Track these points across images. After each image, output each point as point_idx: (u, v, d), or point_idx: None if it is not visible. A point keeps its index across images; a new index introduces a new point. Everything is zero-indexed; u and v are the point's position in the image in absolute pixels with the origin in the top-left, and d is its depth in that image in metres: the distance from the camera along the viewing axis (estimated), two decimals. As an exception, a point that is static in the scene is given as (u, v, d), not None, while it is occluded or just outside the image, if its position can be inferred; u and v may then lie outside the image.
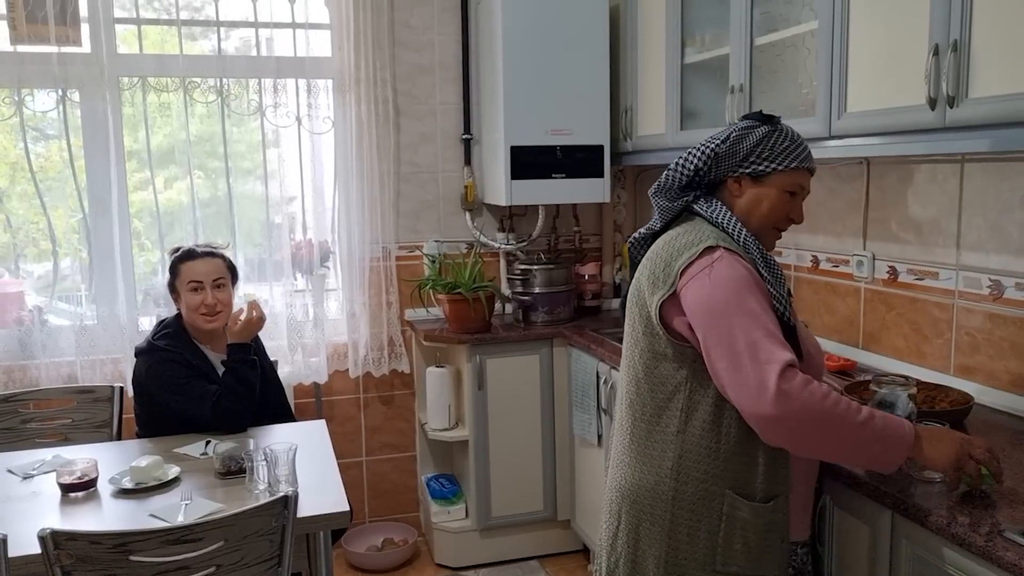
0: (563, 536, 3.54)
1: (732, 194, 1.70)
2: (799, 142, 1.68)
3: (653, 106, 3.21)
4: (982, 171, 2.17)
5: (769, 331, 1.49)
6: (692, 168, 1.68)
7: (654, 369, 1.64)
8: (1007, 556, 1.34)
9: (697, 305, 1.55)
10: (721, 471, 1.59)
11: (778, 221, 1.70)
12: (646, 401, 1.66)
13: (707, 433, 1.59)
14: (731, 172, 1.68)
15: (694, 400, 1.60)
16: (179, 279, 2.61)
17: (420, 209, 3.70)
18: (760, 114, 1.70)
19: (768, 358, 1.45)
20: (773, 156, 1.65)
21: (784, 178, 1.67)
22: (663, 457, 1.63)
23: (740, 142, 1.66)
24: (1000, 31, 1.69)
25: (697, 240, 1.60)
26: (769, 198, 1.67)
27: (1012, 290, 2.10)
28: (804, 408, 1.43)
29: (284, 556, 1.82)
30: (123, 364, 3.26)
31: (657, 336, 1.63)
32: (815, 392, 1.44)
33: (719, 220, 1.65)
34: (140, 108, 3.28)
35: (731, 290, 1.53)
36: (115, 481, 2.13)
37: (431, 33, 3.62)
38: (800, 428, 1.45)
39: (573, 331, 3.34)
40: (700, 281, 1.55)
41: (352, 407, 3.70)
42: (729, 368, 1.49)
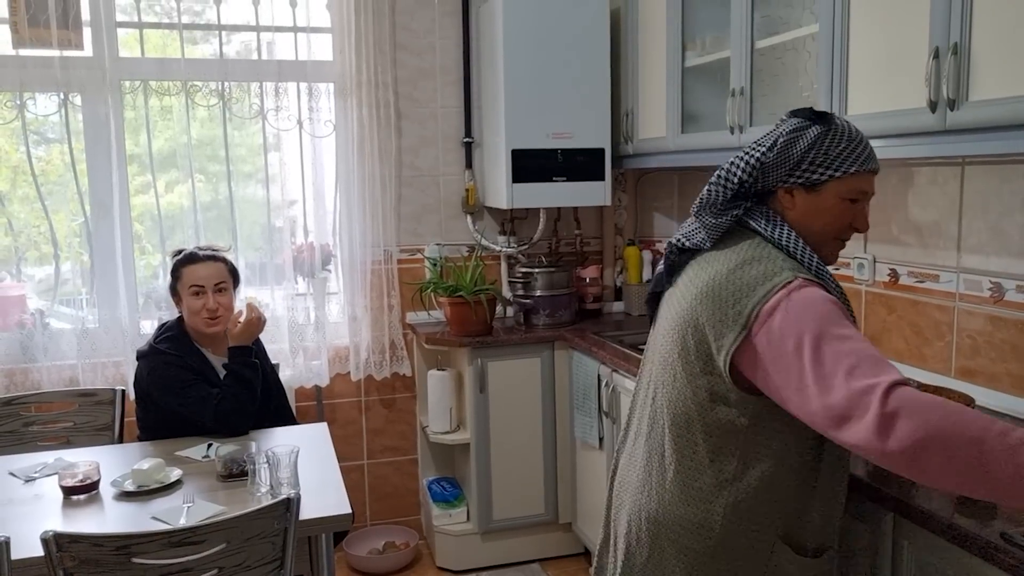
0: (564, 539, 3.54)
1: (784, 206, 1.51)
2: (858, 141, 1.49)
3: (654, 109, 3.21)
4: (982, 174, 2.17)
5: (868, 353, 1.28)
6: (736, 181, 1.50)
7: (711, 411, 1.46)
8: (1009, 558, 1.34)
9: (782, 343, 1.34)
10: (774, 520, 1.47)
11: (840, 232, 1.52)
12: (698, 441, 1.48)
13: (764, 483, 1.45)
14: (781, 182, 1.50)
15: (753, 450, 1.45)
16: (181, 283, 2.61)
17: (421, 212, 3.71)
18: (811, 112, 1.51)
19: (868, 382, 1.23)
20: (828, 162, 1.46)
21: (842, 185, 1.48)
22: (714, 500, 1.47)
23: (789, 148, 1.47)
24: (1000, 34, 1.70)
25: (771, 273, 1.40)
26: (826, 209, 1.49)
27: (1013, 292, 2.10)
28: (917, 428, 1.18)
29: (286, 559, 1.83)
30: (125, 367, 3.27)
31: (720, 379, 1.43)
32: (931, 405, 1.19)
33: (787, 245, 1.46)
34: (142, 112, 3.28)
35: (818, 317, 1.33)
36: (117, 484, 2.13)
37: (432, 37, 3.63)
38: (920, 452, 1.18)
39: (574, 334, 3.35)
40: (782, 317, 1.35)
41: (353, 410, 3.70)
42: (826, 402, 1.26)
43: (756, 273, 1.41)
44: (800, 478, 1.46)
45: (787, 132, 1.49)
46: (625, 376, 2.86)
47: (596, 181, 3.49)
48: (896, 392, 1.21)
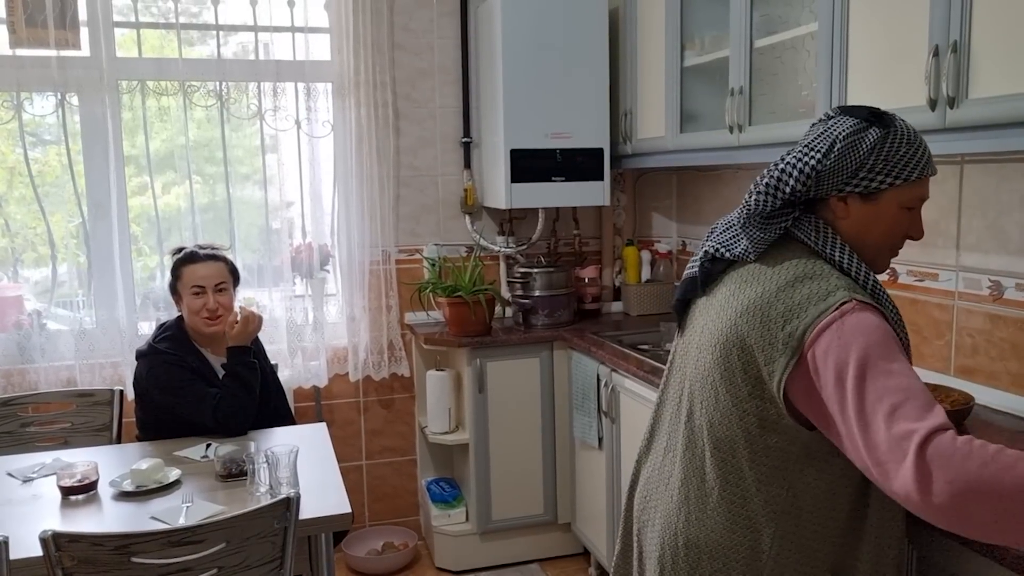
0: (564, 539, 3.53)
1: (836, 215, 1.40)
2: (918, 144, 1.38)
3: (653, 109, 3.21)
4: (981, 172, 2.17)
5: (913, 391, 1.19)
6: (788, 191, 1.38)
7: (760, 438, 1.37)
8: (1011, 555, 1.34)
9: (827, 370, 1.25)
10: (825, 553, 1.39)
11: (895, 242, 1.43)
12: (744, 468, 1.39)
13: (815, 514, 1.37)
14: (836, 190, 1.38)
15: (805, 479, 1.36)
16: (181, 282, 2.61)
17: (420, 212, 3.70)
18: (868, 111, 1.39)
19: (907, 428, 1.15)
20: (888, 168, 1.35)
21: (902, 193, 1.37)
22: (762, 529, 1.38)
23: (848, 154, 1.35)
24: (1000, 32, 1.70)
25: (825, 292, 1.30)
26: (884, 219, 1.38)
27: (1012, 291, 2.10)
28: (956, 480, 1.09)
29: (286, 558, 1.82)
30: (123, 368, 3.26)
31: (771, 404, 1.34)
32: (971, 455, 1.10)
33: (840, 261, 1.36)
34: (139, 113, 3.28)
35: (866, 347, 1.23)
36: (115, 484, 2.12)
37: (430, 36, 3.63)
38: (960, 506, 1.09)
39: (573, 334, 3.34)
40: (829, 341, 1.26)
41: (352, 411, 3.69)
42: (866, 442, 1.19)
43: (809, 292, 1.31)
44: (852, 510, 1.38)
45: (845, 136, 1.36)
46: (625, 376, 2.86)
47: (595, 181, 3.49)
48: (935, 440, 1.12)
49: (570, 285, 3.62)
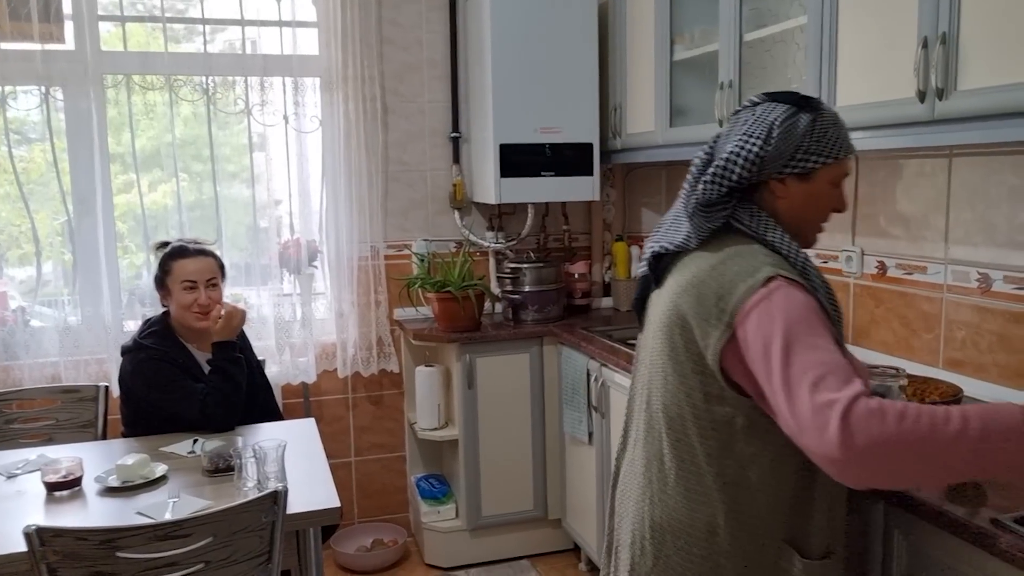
0: (554, 535, 3.53)
1: (776, 195, 1.49)
2: (840, 126, 1.49)
3: (642, 104, 3.21)
4: (970, 165, 2.18)
5: (834, 364, 1.27)
6: (735, 177, 1.45)
7: (706, 412, 1.44)
8: (1001, 543, 1.34)
9: (756, 344, 1.34)
10: (778, 522, 1.45)
11: (825, 216, 1.54)
12: (695, 444, 1.46)
13: (765, 483, 1.43)
14: (777, 173, 1.46)
15: (752, 448, 1.43)
16: (171, 277, 2.58)
17: (408, 208, 3.69)
18: (795, 96, 1.48)
19: (829, 397, 1.23)
20: (820, 148, 1.45)
21: (832, 170, 1.48)
22: (716, 503, 1.45)
23: (785, 139, 1.44)
24: (988, 23, 1.70)
25: (752, 269, 1.39)
26: (818, 196, 1.49)
27: (1000, 283, 2.11)
28: (875, 441, 1.19)
29: (274, 553, 1.81)
30: (108, 364, 3.23)
31: (712, 378, 1.42)
32: (886, 417, 1.20)
33: (773, 242, 1.45)
34: (124, 109, 3.25)
35: (790, 321, 1.32)
36: (101, 480, 2.10)
37: (419, 31, 3.61)
38: (879, 463, 1.21)
39: (563, 329, 3.34)
40: (758, 317, 1.34)
41: (340, 407, 3.67)
42: (791, 410, 1.27)
43: (738, 269, 1.40)
44: (800, 478, 1.43)
45: (781, 121, 1.45)
46: (614, 371, 2.85)
47: (584, 176, 3.48)
48: (855, 406, 1.20)
49: (560, 280, 3.62)
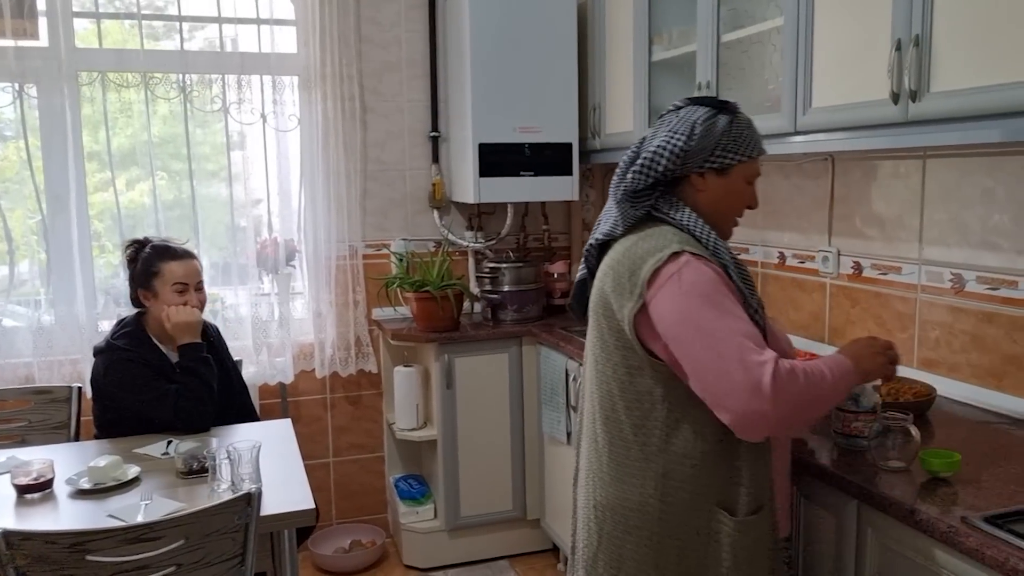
0: (533, 535, 3.52)
1: (697, 189, 1.62)
2: (753, 129, 1.65)
3: (621, 104, 3.21)
4: (943, 166, 2.19)
5: (750, 332, 1.45)
6: (661, 168, 1.58)
7: (630, 385, 1.57)
8: (969, 542, 1.35)
9: (670, 315, 1.48)
10: (706, 487, 1.54)
11: (740, 211, 1.69)
12: (622, 418, 1.58)
13: (689, 449, 1.53)
14: (697, 168, 1.61)
15: (674, 416, 1.54)
16: (160, 278, 2.54)
17: (387, 207, 3.67)
18: (715, 100, 1.64)
19: (756, 359, 1.40)
20: (736, 147, 1.60)
21: (746, 168, 1.63)
22: (646, 475, 1.56)
23: (707, 136, 1.58)
24: (960, 26, 1.71)
25: (662, 245, 1.53)
26: (734, 191, 1.64)
27: (973, 283, 2.13)
28: (799, 399, 1.42)
29: (247, 554, 1.79)
30: (82, 365, 3.19)
31: (631, 351, 1.55)
32: (799, 379, 1.42)
33: (685, 223, 1.58)
34: (100, 107, 3.21)
35: (702, 295, 1.47)
36: (72, 482, 2.07)
37: (398, 30, 3.60)
38: (796, 416, 1.45)
39: (542, 329, 3.33)
40: (669, 290, 1.48)
41: (319, 407, 3.65)
42: (718, 376, 1.42)
43: (648, 246, 1.54)
44: (721, 442, 1.53)
45: (702, 120, 1.59)
46: (592, 370, 2.85)
47: (564, 176, 3.48)
48: (777, 368, 1.40)
49: (539, 280, 3.61)
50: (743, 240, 3.00)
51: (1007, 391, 2.05)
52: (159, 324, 2.55)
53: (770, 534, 1.59)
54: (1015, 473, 1.64)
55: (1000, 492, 1.54)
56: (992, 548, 1.32)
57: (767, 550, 1.58)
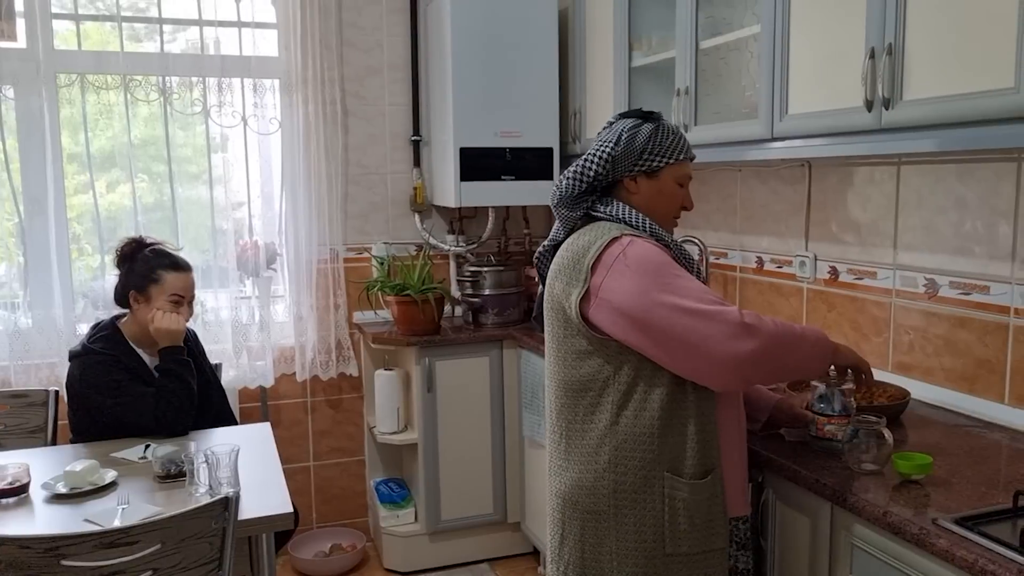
0: (513, 538, 3.53)
1: (630, 192, 1.76)
2: (680, 134, 1.77)
3: (601, 109, 3.23)
4: (917, 173, 2.23)
5: (706, 291, 1.58)
6: (592, 174, 1.73)
7: (579, 369, 1.68)
8: (940, 543, 1.37)
9: (626, 292, 1.58)
10: (656, 455, 1.63)
11: (675, 212, 1.80)
12: (576, 403, 1.69)
13: (639, 420, 1.63)
14: (627, 172, 1.74)
15: (623, 391, 1.64)
16: (159, 287, 2.51)
17: (368, 211, 3.67)
18: (640, 111, 1.78)
19: (723, 307, 1.53)
20: (663, 151, 1.73)
21: (675, 170, 1.76)
22: (598, 453, 1.66)
23: (632, 141, 1.72)
24: (932, 35, 1.74)
25: (599, 235, 1.66)
26: (664, 192, 1.76)
27: (946, 288, 2.16)
28: (773, 335, 1.54)
29: (225, 559, 1.78)
30: (59, 369, 3.17)
31: (578, 336, 1.66)
32: (766, 320, 1.55)
33: (621, 216, 1.71)
34: (79, 109, 3.19)
35: (652, 268, 1.59)
36: (48, 486, 2.06)
37: (380, 34, 3.60)
38: (773, 355, 1.55)
39: (523, 333, 3.34)
40: (618, 268, 1.60)
41: (299, 411, 3.64)
42: (687, 331, 1.53)
43: (588, 238, 1.68)
44: (666, 411, 1.62)
45: (627, 129, 1.73)
46: (572, 374, 2.86)
47: (544, 180, 3.49)
48: (745, 316, 1.53)
49: (520, 284, 3.62)
50: (721, 245, 3.02)
51: (979, 395, 2.08)
52: (140, 328, 2.53)
53: (721, 499, 1.67)
54: (986, 475, 1.67)
55: (971, 494, 1.56)
56: (962, 549, 1.34)
57: (720, 515, 1.67)
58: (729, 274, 2.99)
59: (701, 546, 1.65)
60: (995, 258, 2.02)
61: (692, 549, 1.64)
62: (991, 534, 1.36)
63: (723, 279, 3.02)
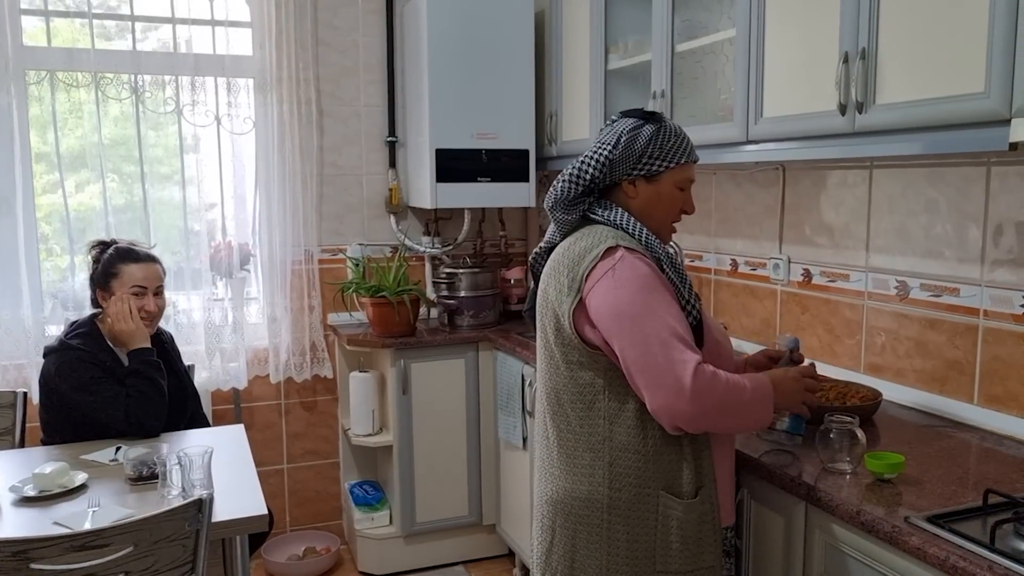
0: (488, 541, 3.52)
1: (628, 196, 1.71)
2: (682, 136, 1.72)
3: (578, 111, 3.24)
4: (889, 177, 2.26)
5: (677, 331, 1.53)
6: (588, 177, 1.68)
7: (572, 379, 1.65)
8: (912, 541, 1.39)
9: (605, 308, 1.56)
10: (652, 473, 1.60)
11: (674, 216, 1.75)
12: (568, 412, 1.66)
13: (633, 437, 1.60)
14: (625, 175, 1.69)
15: (615, 405, 1.61)
16: (118, 280, 2.49)
17: (343, 212, 3.65)
18: (642, 112, 1.72)
19: (681, 357, 1.49)
20: (663, 155, 1.67)
21: (676, 174, 1.70)
22: (594, 466, 1.63)
23: (632, 145, 1.67)
24: (904, 40, 1.76)
25: (596, 243, 1.62)
26: (664, 196, 1.71)
27: (917, 290, 2.19)
28: (716, 403, 1.50)
29: (198, 562, 1.76)
30: (27, 370, 3.12)
31: (571, 345, 1.63)
32: (719, 384, 1.50)
33: (619, 222, 1.67)
34: (48, 107, 3.14)
35: (636, 290, 1.55)
36: (16, 489, 2.02)
37: (355, 34, 3.59)
38: (711, 418, 1.53)
39: (499, 335, 3.34)
40: (605, 284, 1.57)
41: (273, 413, 3.61)
42: (644, 369, 1.51)
43: (586, 245, 1.63)
44: (662, 429, 1.59)
45: (627, 131, 1.68)
46: (548, 375, 2.87)
47: (520, 182, 3.50)
48: (700, 369, 1.49)
49: (495, 286, 3.62)
50: (696, 247, 3.04)
51: (949, 395, 2.11)
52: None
53: (712, 515, 1.65)
54: (956, 474, 1.69)
55: (942, 493, 1.59)
56: (933, 547, 1.36)
57: (710, 532, 1.65)
58: (704, 276, 3.02)
59: (692, 564, 1.62)
60: (965, 261, 2.05)
61: (683, 568, 1.61)
62: (962, 531, 1.38)
63: (698, 281, 3.04)
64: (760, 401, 1.57)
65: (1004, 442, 1.91)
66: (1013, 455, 1.82)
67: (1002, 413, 1.98)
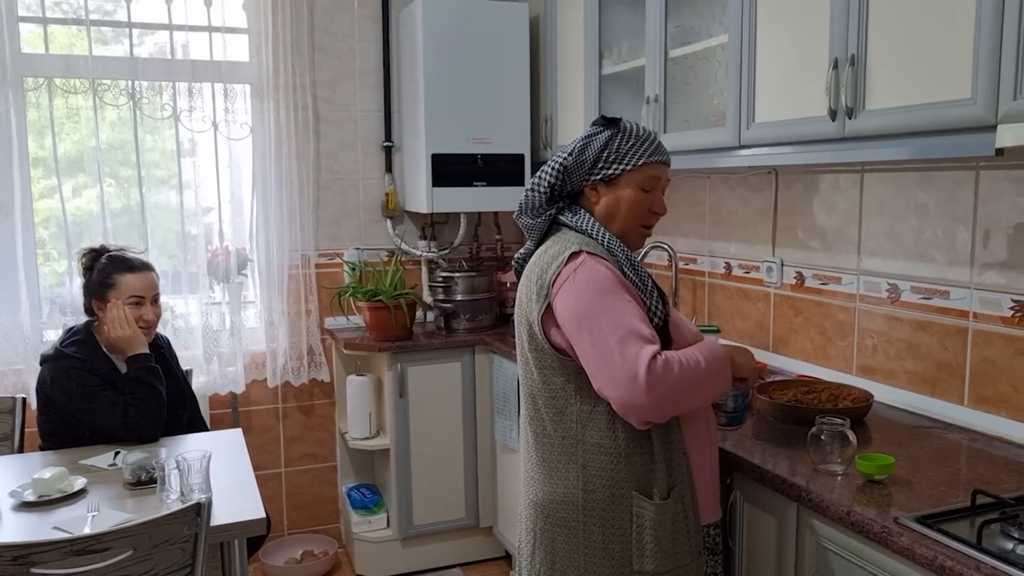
0: (485, 543, 3.54)
1: (591, 201, 1.75)
2: (644, 138, 1.72)
3: (573, 116, 3.26)
4: (880, 181, 2.28)
5: (633, 328, 1.55)
6: (547, 185, 1.73)
7: (545, 384, 1.68)
8: (901, 541, 1.41)
9: (567, 312, 1.60)
10: (625, 474, 1.62)
11: (641, 218, 1.75)
12: (544, 416, 1.69)
13: (605, 439, 1.62)
14: (584, 181, 1.73)
15: (587, 408, 1.64)
16: (116, 290, 2.50)
17: (340, 216, 3.67)
18: (604, 119, 1.75)
19: (636, 353, 1.51)
20: (619, 158, 1.70)
21: (636, 176, 1.71)
22: (568, 468, 1.66)
23: (585, 151, 1.71)
24: (893, 46, 1.79)
25: (562, 249, 1.65)
26: (625, 199, 1.72)
27: (908, 293, 2.21)
28: (673, 387, 1.51)
29: (197, 565, 1.78)
30: (26, 376, 3.13)
31: (543, 351, 1.66)
32: (672, 368, 1.52)
33: (583, 227, 1.70)
34: (46, 112, 3.16)
35: (594, 291, 1.58)
36: (16, 494, 2.03)
37: (352, 40, 3.61)
38: (673, 403, 1.55)
39: (495, 338, 3.36)
40: (567, 289, 1.60)
41: (270, 417, 3.63)
42: (602, 368, 1.54)
43: (553, 252, 1.67)
44: (632, 430, 1.61)
45: (583, 138, 1.73)
46: (544, 378, 2.89)
47: (516, 186, 3.52)
48: (655, 361, 1.50)
49: (492, 289, 3.64)
50: (690, 250, 3.07)
51: (939, 397, 2.13)
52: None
53: (688, 514, 1.67)
54: (946, 475, 1.71)
55: (931, 493, 1.61)
56: (922, 547, 1.38)
57: (684, 531, 1.66)
58: (698, 279, 3.04)
59: (668, 564, 1.63)
60: (954, 263, 2.08)
61: (659, 568, 1.62)
62: (950, 531, 1.40)
63: (692, 284, 3.07)
64: (716, 366, 1.59)
65: (994, 443, 1.93)
66: (1002, 456, 1.85)
67: (991, 414, 2.00)
